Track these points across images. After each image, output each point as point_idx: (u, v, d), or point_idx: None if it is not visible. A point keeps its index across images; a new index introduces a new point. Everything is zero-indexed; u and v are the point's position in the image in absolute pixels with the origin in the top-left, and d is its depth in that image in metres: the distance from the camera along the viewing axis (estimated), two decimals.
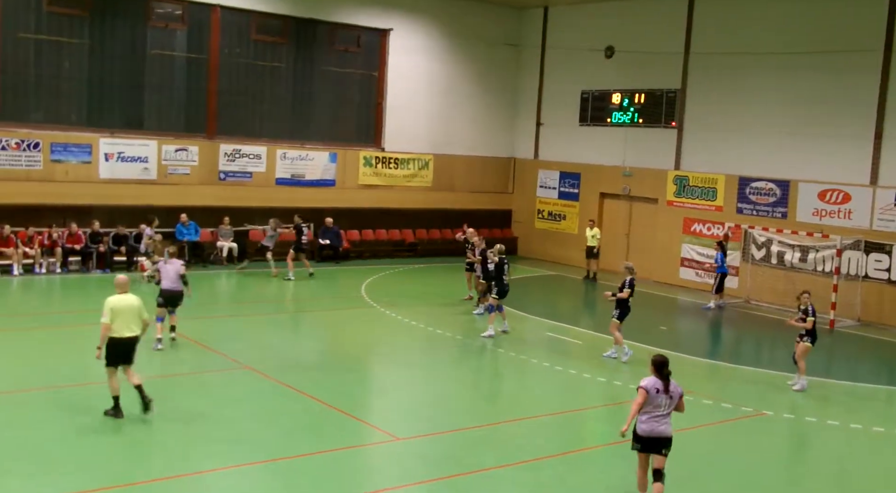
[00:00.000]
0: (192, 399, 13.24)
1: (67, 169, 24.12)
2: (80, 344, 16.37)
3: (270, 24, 27.28)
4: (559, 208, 30.83)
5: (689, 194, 26.56)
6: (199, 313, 19.77)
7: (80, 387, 13.45)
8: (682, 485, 10.58)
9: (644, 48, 27.74)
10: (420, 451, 11.65)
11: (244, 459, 10.83)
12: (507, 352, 17.31)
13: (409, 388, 15.18)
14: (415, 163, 30.22)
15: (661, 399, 9.45)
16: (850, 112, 22.93)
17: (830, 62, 23.21)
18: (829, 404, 15.05)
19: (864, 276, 22.26)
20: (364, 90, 29.50)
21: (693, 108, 26.73)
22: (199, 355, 15.94)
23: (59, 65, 24.22)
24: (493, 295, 18.75)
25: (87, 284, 22.26)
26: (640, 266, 27.73)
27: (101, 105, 25.03)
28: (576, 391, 15.09)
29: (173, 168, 25.65)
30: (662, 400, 9.46)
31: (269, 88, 27.60)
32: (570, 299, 25.51)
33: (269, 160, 27.29)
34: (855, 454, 12.84)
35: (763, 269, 24.32)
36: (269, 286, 23.59)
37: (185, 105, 26.36)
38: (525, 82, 32.13)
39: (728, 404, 14.35)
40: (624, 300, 16.70)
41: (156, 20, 25.38)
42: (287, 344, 17.44)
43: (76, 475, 9.96)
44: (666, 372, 9.51)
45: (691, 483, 10.78)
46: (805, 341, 15.48)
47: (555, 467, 11.16)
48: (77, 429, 11.54)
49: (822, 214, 23.31)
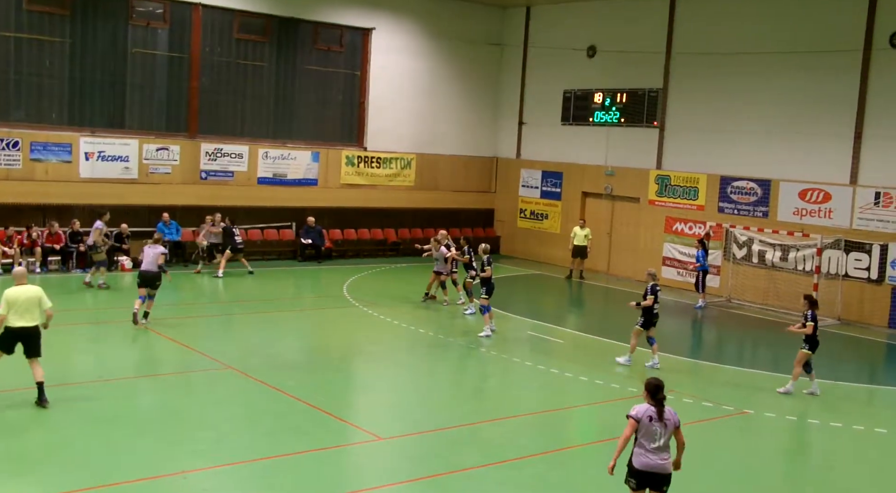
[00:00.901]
0: (175, 399, 13.20)
1: (47, 168, 23.97)
2: (57, 344, 16.30)
3: (253, 22, 27.21)
4: (542, 208, 30.89)
5: (671, 194, 26.67)
6: (181, 312, 19.74)
7: (60, 387, 13.36)
8: None
9: (626, 48, 27.84)
10: (403, 450, 11.67)
11: (227, 459, 10.81)
12: (489, 351, 17.34)
13: (392, 387, 15.19)
14: (397, 162, 30.21)
15: (655, 428, 8.53)
16: (830, 112, 23.10)
17: (811, 62, 23.38)
18: (810, 402, 15.14)
19: (844, 275, 22.42)
20: (347, 89, 29.47)
21: (675, 107, 26.85)
22: (182, 355, 15.90)
23: (40, 63, 24.06)
24: (483, 295, 18.78)
25: (68, 283, 22.13)
26: (622, 265, 28.06)
27: (81, 104, 24.89)
28: (558, 390, 15.13)
29: (154, 167, 25.53)
30: (657, 429, 8.53)
31: (251, 86, 27.52)
32: (553, 299, 25.56)
33: (251, 159, 27.20)
34: (836, 451, 12.93)
35: (744, 268, 24.46)
36: (251, 286, 23.53)
37: (167, 104, 26.24)
38: (508, 82, 32.18)
39: (709, 403, 14.43)
40: (648, 308, 16.39)
41: (137, 18, 25.26)
42: (270, 344, 17.39)
43: (59, 475, 9.91)
44: (660, 397, 8.64)
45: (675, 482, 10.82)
46: (802, 348, 15.29)
47: (536, 465, 11.19)
48: (59, 429, 11.49)
49: (803, 214, 23.47)
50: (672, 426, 8.59)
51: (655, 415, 8.53)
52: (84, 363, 15.24)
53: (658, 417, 8.52)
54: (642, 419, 8.53)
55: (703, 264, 23.61)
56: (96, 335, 17.15)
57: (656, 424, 8.51)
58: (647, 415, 8.53)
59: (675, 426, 8.63)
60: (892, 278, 21.73)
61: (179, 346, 16.37)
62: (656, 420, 8.52)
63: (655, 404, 8.57)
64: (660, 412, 8.54)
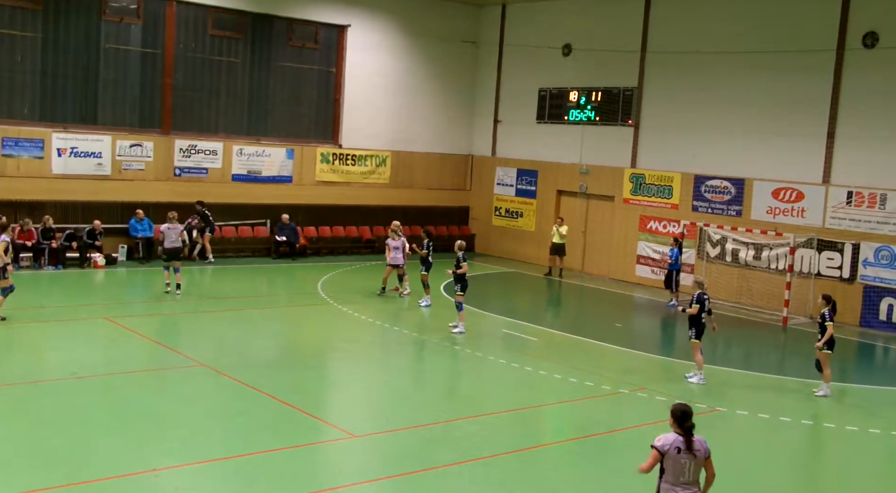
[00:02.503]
0: (148, 397, 13.10)
1: (19, 164, 23.72)
2: (31, 342, 16.17)
3: (227, 19, 27.05)
4: (516, 206, 30.94)
5: (646, 192, 26.79)
6: (154, 310, 19.61)
7: (31, 385, 13.25)
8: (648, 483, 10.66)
9: (601, 46, 27.94)
10: (377, 448, 11.65)
11: (200, 456, 10.75)
12: (463, 349, 17.35)
13: (365, 385, 15.16)
14: (372, 160, 30.15)
15: (684, 461, 7.65)
16: (803, 111, 23.27)
17: (784, 62, 23.55)
18: (782, 400, 15.26)
19: (816, 274, 22.60)
20: (321, 86, 29.37)
21: (649, 106, 26.96)
22: (155, 352, 15.81)
23: (11, 58, 23.78)
24: (458, 291, 18.79)
25: (39, 280, 21.92)
26: (597, 264, 28.16)
27: (53, 99, 24.62)
28: (532, 388, 15.16)
29: (128, 164, 25.34)
30: (686, 462, 7.65)
31: (225, 83, 27.37)
32: (528, 297, 25.60)
33: (225, 156, 27.05)
34: (807, 449, 13.05)
35: (718, 266, 24.60)
36: (225, 283, 23.42)
37: (140, 100, 26.02)
38: (483, 80, 32.20)
39: (682, 400, 14.48)
40: (695, 317, 15.58)
41: (110, 14, 25.03)
42: (243, 341, 17.33)
43: (28, 473, 9.82)
44: (688, 426, 7.72)
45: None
46: (822, 349, 15.11)
47: (510, 463, 11.21)
48: (29, 427, 11.39)
49: (776, 213, 23.64)
50: (702, 456, 7.76)
51: (684, 446, 7.67)
52: (55, 360, 15.10)
53: (687, 447, 7.67)
54: (669, 451, 7.66)
55: (676, 263, 23.72)
56: (67, 332, 16.99)
57: (685, 456, 7.67)
58: (674, 446, 7.67)
59: (705, 457, 7.80)
60: (864, 276, 21.94)
61: (152, 343, 16.27)
62: (685, 452, 7.67)
63: (683, 432, 7.72)
64: (688, 441, 7.69)
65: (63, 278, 22.42)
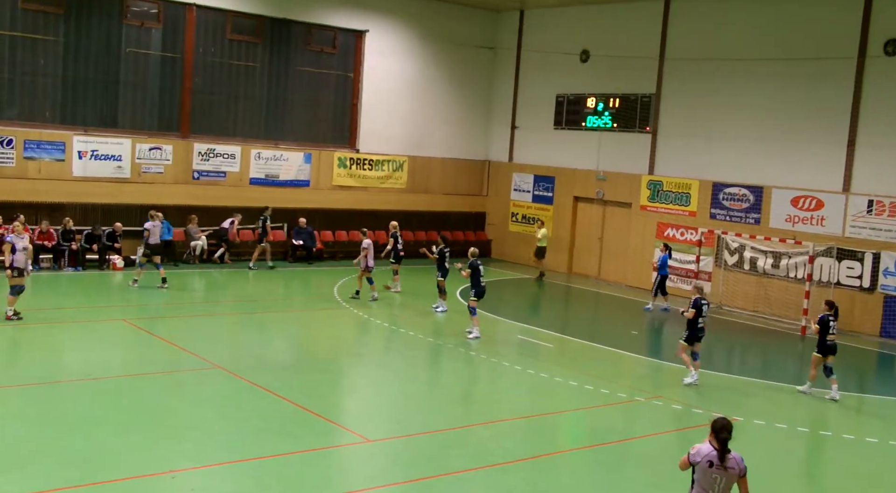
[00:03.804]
0: (163, 398, 13.15)
1: (40, 166, 23.90)
2: (51, 342, 16.26)
3: (246, 23, 27.17)
4: (533, 212, 30.90)
5: (663, 199, 26.71)
6: (171, 312, 19.68)
7: (51, 385, 13.33)
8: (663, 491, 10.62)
9: (619, 53, 27.89)
10: (391, 453, 11.64)
11: (215, 459, 10.78)
12: (478, 354, 17.32)
13: (380, 389, 15.15)
14: (389, 164, 30.19)
15: (714, 476, 7.43)
16: (823, 119, 23.14)
17: (805, 69, 23.43)
18: (801, 411, 15.16)
19: (836, 283, 22.42)
20: (339, 91, 29.44)
21: (668, 113, 26.89)
22: (170, 354, 15.85)
23: (34, 62, 23.98)
24: (472, 297, 18.79)
25: (59, 281, 22.06)
26: (613, 270, 28.08)
27: (75, 103, 24.82)
28: (547, 395, 15.11)
29: (147, 167, 25.48)
30: (717, 477, 7.43)
31: (243, 87, 27.48)
32: (543, 303, 25.55)
33: (243, 160, 27.16)
34: (825, 460, 12.94)
35: (736, 274, 24.47)
36: (241, 287, 23.49)
37: (160, 104, 26.18)
38: (500, 85, 32.20)
39: (698, 409, 14.43)
40: (690, 321, 15.73)
41: (131, 18, 25.20)
42: (259, 344, 17.37)
43: (45, 473, 9.86)
44: (723, 437, 7.45)
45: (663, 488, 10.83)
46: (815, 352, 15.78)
47: (525, 470, 11.17)
48: (46, 427, 11.44)
49: (795, 221, 23.51)
50: (735, 474, 7.48)
51: (716, 460, 7.44)
52: (73, 362, 15.17)
53: (720, 461, 7.43)
54: (701, 463, 7.49)
55: (663, 268, 23.59)
56: (86, 334, 17.07)
57: (716, 471, 7.43)
58: (706, 459, 7.47)
59: (740, 475, 7.51)
60: (885, 286, 21.76)
61: (168, 345, 16.32)
62: (717, 466, 7.43)
63: (718, 445, 7.48)
64: (721, 456, 7.45)
65: (82, 280, 22.55)
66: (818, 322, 15.59)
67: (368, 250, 21.82)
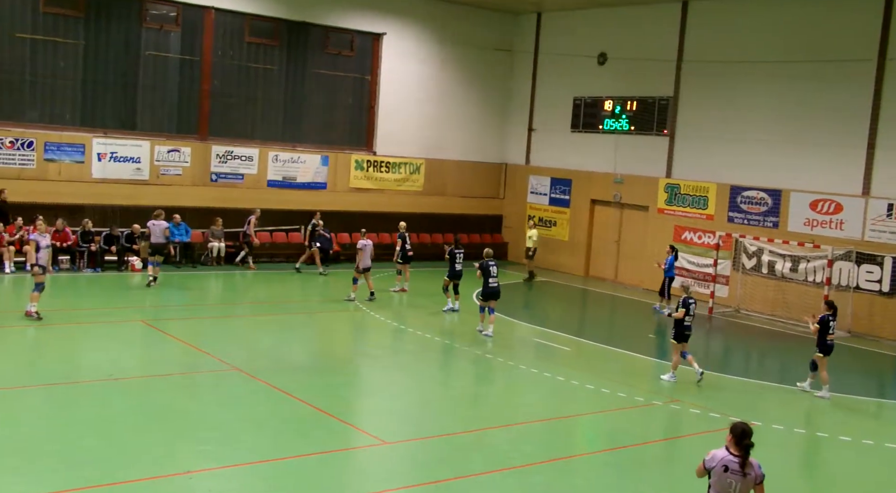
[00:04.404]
0: (180, 399, 13.21)
1: (60, 168, 24.08)
2: (71, 342, 16.37)
3: (264, 26, 27.28)
4: (550, 214, 30.86)
5: (680, 202, 26.62)
6: (188, 313, 19.78)
7: (70, 385, 13.41)
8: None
9: (637, 55, 27.82)
10: (407, 455, 11.65)
11: (231, 460, 10.81)
12: (495, 357, 17.31)
13: (397, 391, 15.16)
14: (406, 167, 30.23)
15: (729, 481, 7.34)
16: (842, 122, 23.01)
17: (824, 71, 23.31)
18: (819, 415, 15.07)
19: (855, 287, 22.29)
20: (356, 94, 29.51)
21: (685, 115, 26.80)
22: (188, 355, 15.92)
23: (55, 65, 24.17)
24: (479, 297, 19.09)
25: (78, 282, 22.21)
26: (630, 274, 28.00)
27: (94, 105, 25.00)
28: (564, 398, 15.09)
29: (165, 169, 25.62)
30: (732, 482, 7.34)
31: (261, 90, 27.59)
32: (560, 306, 25.51)
33: (260, 162, 27.27)
34: (845, 466, 12.85)
35: (754, 278, 24.36)
36: (259, 288, 23.58)
37: (178, 106, 26.33)
38: (517, 88, 32.19)
39: (716, 413, 14.37)
40: (679, 320, 16.13)
41: (150, 21, 25.35)
42: (276, 346, 17.42)
43: (63, 472, 9.92)
44: (745, 444, 7.37)
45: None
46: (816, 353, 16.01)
47: (542, 473, 11.15)
48: (66, 427, 11.52)
49: (814, 224, 23.38)
50: (752, 480, 7.39)
51: (735, 466, 7.34)
52: (91, 362, 15.26)
53: (740, 467, 7.33)
54: (715, 467, 7.40)
55: (671, 270, 23.51)
56: (104, 334, 17.17)
57: (732, 476, 7.35)
58: (721, 464, 7.37)
59: (757, 482, 7.41)
60: None
61: (186, 346, 16.40)
62: (734, 472, 7.34)
63: (740, 451, 7.38)
64: (742, 462, 7.35)
65: (101, 281, 22.68)
66: (818, 322, 15.84)
67: (364, 251, 21.88)
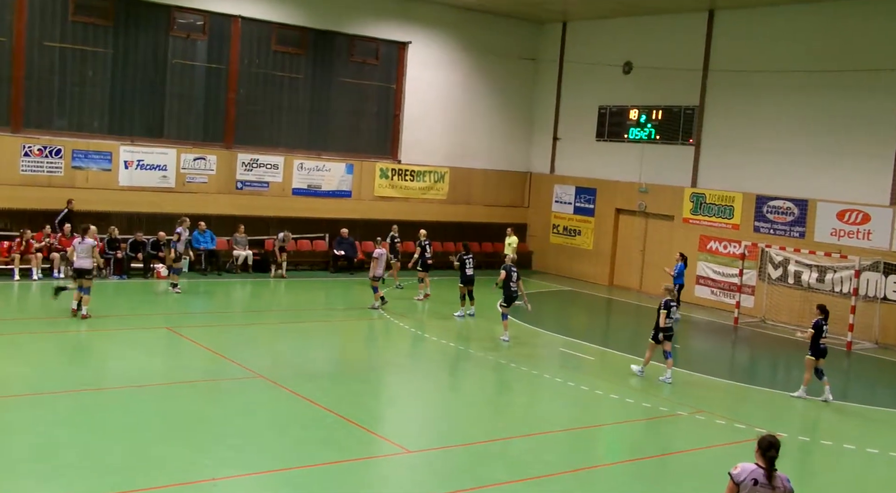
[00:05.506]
0: (205, 407, 13.27)
1: (87, 176, 24.30)
2: (97, 348, 16.50)
3: (290, 35, 27.45)
4: (574, 223, 30.79)
5: (706, 212, 26.49)
6: (213, 321, 19.88)
7: (96, 392, 13.51)
8: None
9: (662, 64, 27.74)
10: (431, 464, 11.63)
11: (256, 467, 10.83)
12: (518, 366, 17.27)
13: (420, 400, 15.16)
14: (431, 175, 30.27)
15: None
16: (869, 131, 22.84)
17: (850, 81, 23.14)
18: (846, 426, 14.92)
19: (882, 298, 22.07)
20: (382, 102, 29.61)
21: (711, 125, 26.67)
22: (212, 362, 16.00)
23: (83, 73, 24.43)
24: (501, 303, 19.25)
25: (104, 289, 22.35)
26: (655, 283, 27.79)
27: (122, 113, 25.22)
28: (588, 408, 15.04)
29: (191, 177, 25.81)
30: None
31: (287, 98, 27.75)
32: (584, 315, 25.43)
33: (286, 170, 27.40)
34: (874, 479, 12.71)
35: (780, 288, 24.17)
36: (283, 296, 23.66)
37: (205, 114, 26.53)
38: (542, 97, 32.17)
39: (741, 424, 14.27)
40: (657, 321, 16.85)
41: (178, 30, 25.57)
42: (300, 353, 17.48)
43: (88, 478, 9.99)
44: (770, 455, 7.18)
45: None
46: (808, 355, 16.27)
47: (566, 483, 11.11)
48: (91, 433, 11.59)
49: (841, 235, 23.19)
50: None
51: (763, 478, 7.13)
52: (117, 369, 15.36)
53: (767, 480, 7.14)
54: (745, 481, 7.15)
55: (679, 277, 23.36)
56: (130, 341, 17.29)
57: (762, 489, 7.13)
58: (751, 478, 7.15)
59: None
60: None
61: (210, 353, 16.47)
62: (763, 485, 7.14)
63: (765, 463, 7.20)
64: (769, 474, 7.16)
65: (127, 288, 22.85)
66: (813, 327, 16.06)
67: (378, 260, 21.90)
